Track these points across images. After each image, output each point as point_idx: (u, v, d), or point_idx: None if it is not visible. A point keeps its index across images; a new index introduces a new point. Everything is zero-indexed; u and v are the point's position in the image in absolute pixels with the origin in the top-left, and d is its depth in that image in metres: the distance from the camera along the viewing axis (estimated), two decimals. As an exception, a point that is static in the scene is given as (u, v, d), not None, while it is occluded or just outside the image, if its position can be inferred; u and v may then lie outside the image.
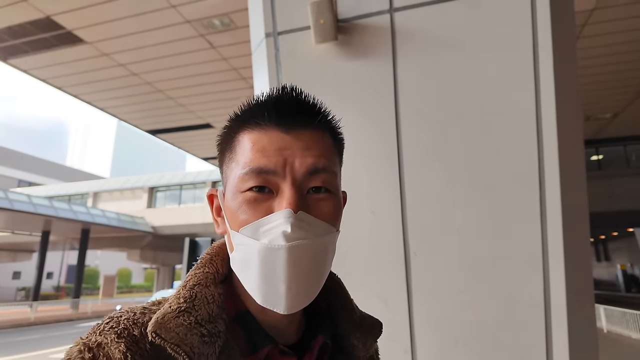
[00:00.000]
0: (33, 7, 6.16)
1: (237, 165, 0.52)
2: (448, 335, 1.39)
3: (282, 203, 0.49)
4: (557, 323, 1.31)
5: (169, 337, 0.46)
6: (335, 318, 0.62)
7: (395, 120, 1.52)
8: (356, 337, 0.61)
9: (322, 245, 0.50)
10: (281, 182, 0.50)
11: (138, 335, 0.47)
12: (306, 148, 0.51)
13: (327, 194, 0.53)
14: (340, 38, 1.57)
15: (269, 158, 0.50)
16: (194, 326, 0.48)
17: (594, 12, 5.89)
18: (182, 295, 0.51)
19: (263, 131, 0.52)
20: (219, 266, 0.56)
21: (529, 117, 1.40)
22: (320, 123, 0.54)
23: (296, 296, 0.48)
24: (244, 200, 0.50)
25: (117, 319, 0.48)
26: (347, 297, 0.65)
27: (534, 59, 1.42)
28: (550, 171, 1.35)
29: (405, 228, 1.46)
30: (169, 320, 0.47)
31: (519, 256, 1.35)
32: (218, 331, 0.49)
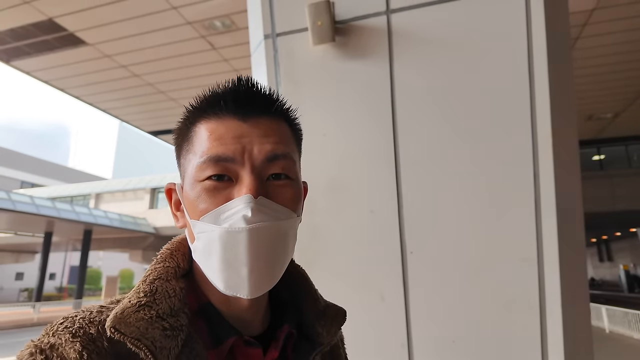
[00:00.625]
0: (35, 10, 6.20)
1: (194, 156, 0.52)
2: (445, 333, 1.41)
3: (242, 189, 0.49)
4: (552, 322, 1.32)
5: (129, 332, 0.45)
6: (299, 308, 0.62)
7: (392, 121, 1.53)
8: (321, 325, 0.60)
9: (282, 228, 0.50)
10: (240, 169, 0.50)
11: (95, 334, 0.45)
12: (264, 135, 0.51)
13: (287, 180, 0.53)
14: (338, 39, 1.59)
15: (227, 146, 0.50)
16: (155, 320, 0.47)
17: (594, 12, 5.89)
18: (142, 289, 0.50)
19: (220, 120, 0.52)
20: (180, 260, 0.55)
21: (524, 117, 1.42)
22: (277, 111, 0.54)
23: (258, 279, 0.48)
24: (202, 189, 0.50)
25: (72, 318, 0.47)
26: (311, 286, 0.65)
27: (529, 59, 1.44)
28: (545, 170, 1.36)
29: (402, 227, 1.47)
30: (129, 315, 0.46)
31: (514, 255, 1.37)
32: (180, 325, 0.48)
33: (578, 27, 6.21)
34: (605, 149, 14.37)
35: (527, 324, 1.36)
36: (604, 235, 27.91)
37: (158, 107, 9.68)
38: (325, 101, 1.61)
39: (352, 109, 1.59)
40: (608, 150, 14.36)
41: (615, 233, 25.57)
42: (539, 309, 1.35)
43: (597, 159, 14.56)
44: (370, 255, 1.51)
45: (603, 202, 13.14)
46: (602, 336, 10.20)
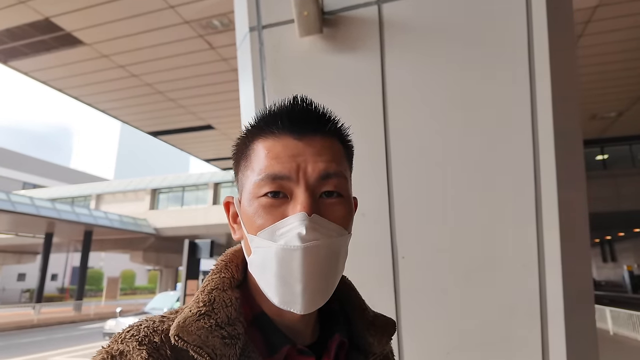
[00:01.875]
0: (32, 9, 6.16)
1: (252, 173, 0.54)
2: (438, 344, 1.32)
3: (297, 207, 0.51)
4: (553, 331, 1.23)
5: (191, 340, 0.47)
6: (349, 318, 0.63)
7: (383, 117, 1.45)
8: (371, 335, 0.62)
9: (335, 246, 0.52)
10: (295, 187, 0.52)
11: (158, 342, 0.48)
12: (318, 154, 0.53)
13: (339, 198, 0.54)
14: (326, 31, 1.50)
15: (283, 164, 0.52)
16: (215, 329, 0.49)
17: (597, 9, 5.79)
18: (201, 299, 0.53)
19: (276, 139, 0.54)
20: (234, 271, 0.58)
21: (524, 114, 1.33)
22: (331, 130, 0.56)
23: (312, 296, 0.50)
24: (260, 206, 0.52)
25: (137, 327, 0.50)
26: (359, 297, 0.66)
27: (529, 53, 1.35)
28: (546, 170, 1.27)
29: (393, 230, 1.39)
30: (190, 324, 0.49)
31: (513, 260, 1.28)
32: (237, 333, 0.50)
33: (581, 24, 6.12)
34: (609, 149, 14.25)
35: (527, 334, 1.27)
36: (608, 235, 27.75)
37: (157, 108, 9.63)
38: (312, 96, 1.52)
39: (341, 104, 1.50)
40: (612, 149, 14.25)
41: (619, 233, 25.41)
42: (539, 317, 1.27)
43: (601, 158, 14.44)
44: (359, 260, 1.42)
45: (606, 202, 13.04)
46: (606, 338, 10.09)
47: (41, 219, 18.66)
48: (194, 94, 8.87)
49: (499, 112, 1.37)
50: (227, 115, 9.79)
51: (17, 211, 17.16)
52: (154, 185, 26.52)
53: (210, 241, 7.78)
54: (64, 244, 27.50)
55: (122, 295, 34.03)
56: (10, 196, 17.57)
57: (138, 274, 44.60)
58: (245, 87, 1.63)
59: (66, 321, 18.29)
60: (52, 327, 16.89)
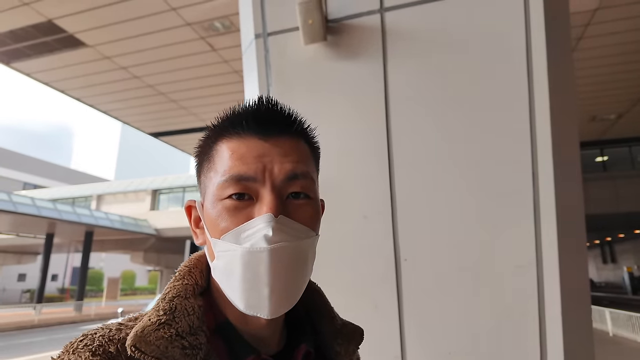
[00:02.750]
0: (35, 11, 6.20)
1: (216, 174, 0.52)
2: (441, 344, 1.35)
3: (263, 208, 0.49)
4: (551, 331, 1.27)
5: (149, 351, 0.45)
6: (316, 326, 0.62)
7: (385, 122, 1.49)
8: (338, 344, 0.60)
9: (303, 247, 0.50)
10: (261, 188, 0.50)
11: (114, 352, 0.46)
12: (284, 154, 0.52)
13: (306, 199, 0.53)
14: (330, 38, 1.54)
15: (249, 165, 0.50)
16: (175, 338, 0.47)
17: (596, 12, 5.83)
18: (162, 307, 0.50)
19: (241, 139, 0.52)
20: (198, 278, 0.55)
21: (522, 117, 1.36)
22: (297, 131, 0.55)
23: (279, 299, 0.48)
24: (223, 208, 0.50)
25: (91, 336, 0.47)
26: (327, 304, 0.65)
27: (527, 58, 1.39)
28: (544, 172, 1.31)
29: (395, 233, 1.42)
30: (149, 334, 0.46)
31: (512, 261, 1.31)
32: (199, 343, 0.48)
33: (580, 27, 6.15)
34: (609, 150, 14.27)
35: (525, 334, 1.30)
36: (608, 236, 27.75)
37: (158, 109, 9.67)
38: (316, 102, 1.56)
39: (345, 110, 1.54)
40: (611, 151, 14.27)
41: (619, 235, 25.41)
42: (538, 317, 1.30)
43: (600, 160, 14.46)
44: (363, 263, 1.46)
45: (606, 203, 13.05)
46: (606, 339, 10.10)
47: (42, 220, 18.68)
48: (196, 96, 8.90)
49: (498, 115, 1.41)
50: (228, 117, 9.81)
51: (18, 212, 17.19)
52: (154, 186, 26.54)
53: (211, 242, 7.80)
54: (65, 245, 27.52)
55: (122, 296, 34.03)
56: (12, 196, 17.60)
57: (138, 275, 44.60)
58: (250, 93, 1.66)
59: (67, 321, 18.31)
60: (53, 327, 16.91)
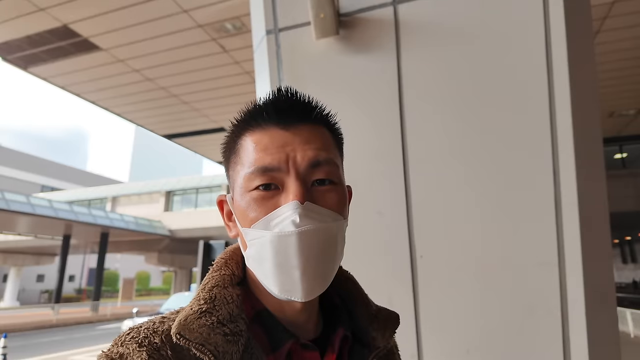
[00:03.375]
0: (50, 16, 6.32)
1: (242, 167, 0.54)
2: (458, 342, 1.32)
3: (289, 196, 0.50)
4: (575, 331, 1.22)
5: (193, 338, 0.47)
6: (351, 312, 0.63)
7: (400, 117, 1.46)
8: (374, 329, 0.61)
9: (330, 230, 0.51)
10: (286, 177, 0.51)
11: (159, 343, 0.48)
12: (306, 142, 0.53)
13: (332, 185, 0.54)
14: (342, 33, 1.52)
15: (272, 155, 0.52)
16: (217, 326, 0.49)
17: (614, 5, 5.68)
18: (202, 297, 0.52)
19: (264, 131, 0.54)
20: (234, 268, 0.57)
21: (542, 111, 1.32)
22: (317, 118, 0.56)
23: (311, 282, 0.49)
24: (251, 199, 0.52)
25: (137, 329, 0.50)
26: (361, 291, 0.66)
27: (547, 50, 1.34)
28: (565, 166, 1.26)
29: (410, 229, 1.39)
30: (192, 322, 0.48)
31: (533, 257, 1.27)
32: (240, 330, 0.50)
33: (598, 20, 6.00)
34: (628, 147, 13.91)
35: (547, 333, 1.26)
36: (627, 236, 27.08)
37: (171, 111, 9.76)
38: (329, 98, 1.53)
39: (358, 105, 1.51)
40: (631, 148, 13.90)
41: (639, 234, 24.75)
42: (560, 315, 1.25)
43: (620, 157, 14.11)
44: (377, 259, 1.43)
45: (625, 201, 12.73)
46: (627, 341, 9.85)
47: (59, 221, 19.06)
48: (208, 97, 8.97)
49: (517, 109, 1.37)
50: (240, 118, 9.86)
51: (37, 214, 17.56)
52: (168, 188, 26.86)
53: (224, 242, 7.85)
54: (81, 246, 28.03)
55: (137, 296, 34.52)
56: (30, 199, 18.00)
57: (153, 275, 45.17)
58: (262, 89, 1.65)
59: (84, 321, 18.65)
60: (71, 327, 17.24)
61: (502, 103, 1.37)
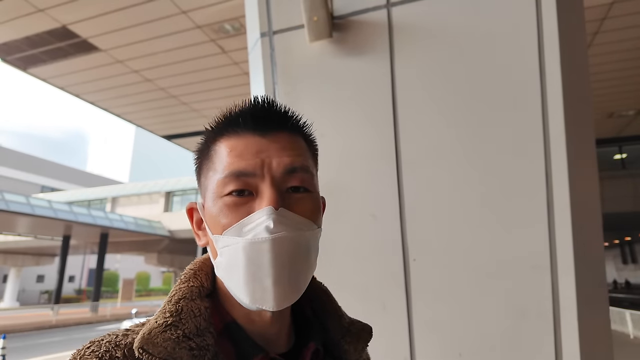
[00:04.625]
0: (49, 17, 6.32)
1: (215, 173, 0.53)
2: (451, 346, 1.32)
3: (263, 202, 0.50)
4: (567, 334, 1.22)
5: (156, 352, 0.45)
6: (324, 325, 0.61)
7: (393, 120, 1.46)
8: (347, 342, 0.60)
9: (304, 238, 0.50)
10: (260, 183, 0.51)
11: (121, 357, 0.46)
12: (282, 149, 0.52)
13: (306, 193, 0.54)
14: (336, 35, 1.52)
15: (247, 161, 0.51)
16: (182, 340, 0.47)
17: (613, 6, 5.68)
18: (168, 309, 0.50)
19: (239, 137, 0.53)
20: (204, 280, 0.56)
21: (535, 114, 1.32)
22: (293, 127, 0.56)
23: (283, 290, 0.48)
24: (224, 205, 0.51)
25: (98, 342, 0.48)
26: (334, 303, 0.65)
27: (539, 53, 1.34)
28: (558, 169, 1.27)
29: (404, 232, 1.39)
30: (156, 335, 0.47)
31: (525, 261, 1.27)
32: (207, 344, 0.48)
33: (596, 21, 6.01)
34: (627, 148, 13.91)
35: (539, 336, 1.26)
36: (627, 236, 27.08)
37: (170, 112, 9.77)
38: (323, 100, 1.54)
39: (352, 108, 1.51)
40: (630, 148, 13.90)
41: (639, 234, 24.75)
42: (552, 319, 1.25)
43: (619, 157, 14.10)
44: (371, 262, 1.43)
45: (625, 202, 12.72)
46: (626, 342, 9.84)
47: (59, 222, 19.08)
48: (207, 98, 8.98)
49: (509, 112, 1.37)
50: (239, 118, 9.88)
51: (36, 214, 17.57)
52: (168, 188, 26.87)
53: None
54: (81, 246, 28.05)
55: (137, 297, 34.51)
56: (30, 199, 18.01)
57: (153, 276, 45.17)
58: (256, 91, 1.65)
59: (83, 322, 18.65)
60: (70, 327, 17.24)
61: (495, 106, 1.38)
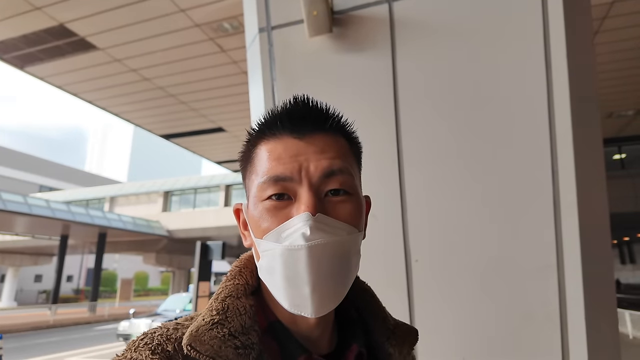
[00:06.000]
0: (47, 15, 6.28)
1: (256, 176, 0.53)
2: (455, 349, 1.28)
3: (301, 207, 0.49)
4: (574, 336, 1.19)
5: (204, 350, 0.46)
6: (368, 327, 0.61)
7: (394, 117, 1.42)
8: (391, 345, 0.60)
9: (342, 244, 0.49)
10: (298, 187, 0.51)
11: (171, 351, 0.47)
12: (320, 152, 0.52)
13: (346, 195, 0.52)
14: (336, 30, 1.49)
15: (285, 165, 0.51)
16: (228, 338, 0.48)
17: (613, 5, 5.66)
18: (215, 307, 0.51)
19: (278, 140, 0.53)
20: (249, 278, 0.56)
21: (541, 111, 1.29)
22: (332, 127, 0.54)
23: (321, 298, 0.48)
24: (264, 209, 0.51)
25: (151, 335, 0.49)
26: (379, 304, 0.64)
27: (545, 49, 1.31)
28: (564, 167, 1.23)
29: (405, 232, 1.36)
30: (203, 333, 0.48)
31: (532, 261, 1.24)
32: (251, 343, 0.49)
33: (597, 20, 5.99)
34: (627, 148, 13.92)
35: (546, 338, 1.23)
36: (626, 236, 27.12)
37: (169, 111, 9.73)
38: (323, 97, 1.50)
39: (352, 105, 1.48)
40: (629, 148, 13.91)
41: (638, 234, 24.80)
42: (559, 321, 1.22)
43: (618, 158, 14.12)
44: (372, 264, 1.39)
45: (624, 202, 12.74)
46: (625, 342, 9.84)
47: (57, 222, 19.00)
48: (205, 97, 8.94)
49: (514, 109, 1.33)
50: (238, 118, 9.84)
51: (34, 214, 17.50)
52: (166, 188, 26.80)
53: (221, 243, 7.82)
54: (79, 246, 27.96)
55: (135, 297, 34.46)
56: (27, 199, 17.94)
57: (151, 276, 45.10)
58: (255, 88, 1.62)
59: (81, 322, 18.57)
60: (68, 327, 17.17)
61: (499, 103, 1.34)
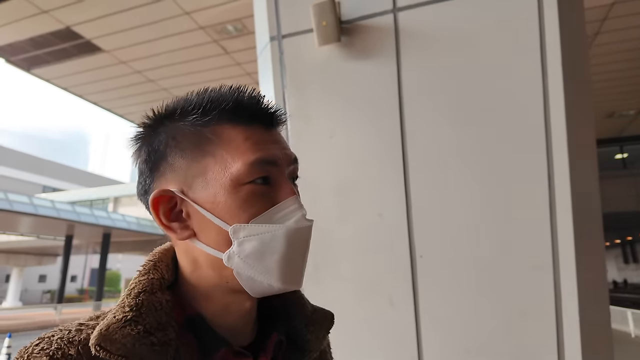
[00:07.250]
0: (53, 18, 6.36)
1: (224, 160, 0.49)
2: (459, 342, 1.36)
3: (287, 191, 0.51)
4: (569, 332, 1.26)
5: (115, 349, 0.43)
6: (288, 314, 0.61)
7: (400, 121, 1.50)
8: (309, 332, 0.60)
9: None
10: (278, 173, 0.52)
11: (75, 355, 0.43)
12: (284, 142, 0.55)
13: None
14: (344, 39, 1.56)
15: (269, 151, 0.51)
16: (143, 335, 0.45)
17: (613, 6, 5.71)
18: (127, 303, 0.47)
19: (250, 127, 0.51)
20: (164, 272, 0.53)
21: (537, 115, 1.36)
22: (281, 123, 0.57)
23: (304, 271, 0.52)
24: (250, 193, 0.49)
25: (48, 338, 0.45)
26: (298, 292, 0.63)
27: (542, 57, 1.38)
28: (559, 170, 1.30)
29: (411, 230, 1.43)
30: (115, 331, 0.44)
31: (528, 260, 1.31)
32: (169, 339, 0.46)
33: (597, 22, 6.03)
34: (629, 147, 13.91)
35: (542, 333, 1.30)
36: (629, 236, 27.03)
37: (173, 112, 9.81)
38: (331, 103, 1.58)
39: (359, 110, 1.56)
40: (631, 148, 13.90)
41: (640, 234, 24.72)
42: (555, 317, 1.29)
43: (620, 157, 14.11)
44: (378, 260, 1.47)
45: (627, 201, 12.74)
46: (628, 341, 9.85)
47: (61, 222, 19.09)
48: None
49: (513, 114, 1.41)
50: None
51: (39, 214, 17.61)
52: (169, 188, 26.82)
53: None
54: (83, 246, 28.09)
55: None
56: (32, 199, 18.05)
57: (154, 276, 45.09)
58: (266, 94, 1.69)
59: (86, 321, 18.64)
60: (73, 327, 17.23)
61: (499, 109, 1.41)
